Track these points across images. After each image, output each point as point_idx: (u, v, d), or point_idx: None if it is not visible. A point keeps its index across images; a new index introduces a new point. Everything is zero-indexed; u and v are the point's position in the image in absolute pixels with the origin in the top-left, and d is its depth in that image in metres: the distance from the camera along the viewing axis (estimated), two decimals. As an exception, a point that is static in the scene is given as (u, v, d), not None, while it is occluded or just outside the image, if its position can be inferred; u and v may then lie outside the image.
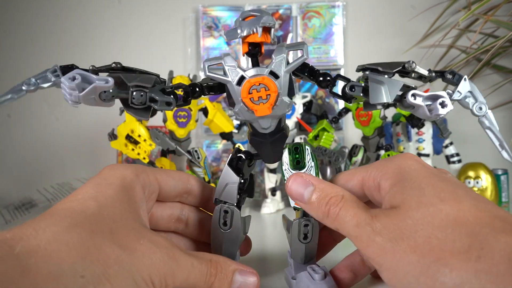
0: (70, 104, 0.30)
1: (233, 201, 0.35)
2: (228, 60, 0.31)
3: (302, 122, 0.76)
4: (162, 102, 0.31)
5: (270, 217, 0.74)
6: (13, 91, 0.31)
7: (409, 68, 0.31)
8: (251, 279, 0.31)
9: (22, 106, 0.98)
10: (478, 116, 0.31)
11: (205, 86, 0.33)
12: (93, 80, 0.30)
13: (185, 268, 0.28)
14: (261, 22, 0.29)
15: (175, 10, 0.96)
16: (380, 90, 0.31)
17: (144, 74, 0.32)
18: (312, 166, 0.34)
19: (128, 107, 0.32)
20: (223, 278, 0.30)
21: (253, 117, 0.31)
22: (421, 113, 0.31)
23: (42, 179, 0.94)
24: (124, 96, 0.31)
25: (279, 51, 0.31)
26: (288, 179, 0.32)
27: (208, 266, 0.29)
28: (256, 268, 0.44)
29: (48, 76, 0.31)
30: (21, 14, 0.98)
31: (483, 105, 0.31)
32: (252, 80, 0.30)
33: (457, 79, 0.31)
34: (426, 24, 0.89)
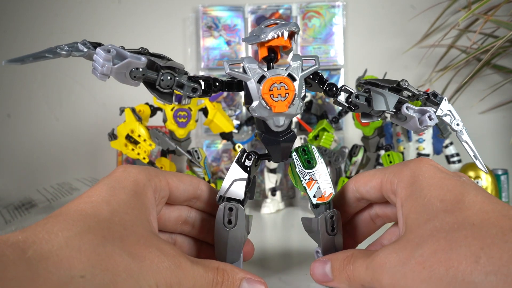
0: (98, 77, 0.31)
1: (240, 197, 0.35)
2: (249, 61, 0.34)
3: (302, 122, 0.76)
4: (189, 87, 0.33)
5: (270, 217, 0.74)
6: (49, 51, 0.31)
7: (403, 85, 0.36)
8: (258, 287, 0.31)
9: (22, 106, 0.98)
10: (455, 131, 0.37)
11: (225, 82, 0.35)
12: (127, 55, 0.31)
13: (191, 276, 0.28)
14: (288, 27, 0.33)
15: (175, 10, 0.96)
16: (381, 100, 0.35)
17: (172, 61, 0.33)
18: (322, 162, 0.37)
19: (153, 90, 0.33)
20: (229, 287, 0.30)
21: (270, 113, 0.34)
22: (412, 125, 0.35)
23: (42, 179, 0.94)
24: (153, 77, 0.32)
25: (295, 58, 0.34)
26: (311, 269, 0.35)
27: (214, 274, 0.30)
28: (256, 268, 0.44)
29: (80, 47, 0.31)
30: (21, 14, 0.98)
31: (460, 122, 0.36)
32: (274, 78, 0.33)
33: (439, 100, 0.36)
34: (426, 24, 0.89)
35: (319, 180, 0.36)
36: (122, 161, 0.90)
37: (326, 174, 0.36)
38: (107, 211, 0.27)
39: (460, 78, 0.87)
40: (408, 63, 0.93)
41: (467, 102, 0.89)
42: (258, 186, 0.88)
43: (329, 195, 0.36)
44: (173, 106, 0.67)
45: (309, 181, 0.36)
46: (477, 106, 0.89)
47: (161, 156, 0.70)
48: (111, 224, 0.26)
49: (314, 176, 0.36)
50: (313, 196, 0.36)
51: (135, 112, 0.66)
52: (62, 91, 0.98)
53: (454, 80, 0.88)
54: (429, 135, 0.72)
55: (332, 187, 0.36)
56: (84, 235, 0.24)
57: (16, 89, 0.97)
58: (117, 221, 0.27)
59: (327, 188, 0.36)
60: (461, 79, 0.84)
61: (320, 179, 0.36)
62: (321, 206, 0.36)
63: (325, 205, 0.36)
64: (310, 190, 0.36)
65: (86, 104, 0.97)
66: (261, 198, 0.85)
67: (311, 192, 0.36)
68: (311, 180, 0.36)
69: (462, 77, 0.86)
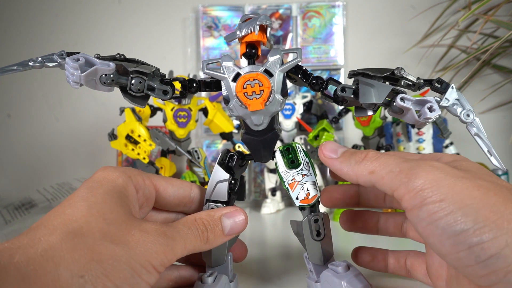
0: (72, 85, 0.31)
1: (223, 199, 0.35)
2: (226, 59, 0.32)
3: (302, 122, 0.76)
4: (160, 90, 0.33)
5: (270, 217, 0.74)
6: (19, 64, 0.32)
7: (398, 74, 0.32)
8: (238, 218, 0.32)
9: (22, 106, 0.98)
10: (466, 123, 0.32)
11: (202, 82, 0.35)
12: (96, 63, 0.31)
13: (179, 239, 0.28)
14: (258, 21, 0.31)
15: (175, 10, 0.96)
16: (369, 92, 0.31)
17: (144, 65, 0.33)
18: (307, 162, 0.35)
19: (126, 94, 0.33)
20: (214, 229, 0.31)
21: (246, 112, 0.32)
22: (410, 118, 0.32)
23: (42, 179, 0.94)
24: (124, 82, 0.32)
25: (274, 52, 0.32)
26: (320, 147, 0.33)
27: (196, 225, 0.30)
28: (256, 268, 0.44)
29: (54, 58, 0.32)
30: (21, 14, 0.98)
31: (470, 112, 0.32)
32: (247, 75, 0.32)
33: (445, 87, 0.32)
34: (426, 24, 0.89)
35: (302, 181, 0.34)
36: (122, 161, 0.90)
37: (311, 174, 0.34)
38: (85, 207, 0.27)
39: (460, 78, 0.87)
40: (408, 63, 0.93)
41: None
42: (258, 186, 0.88)
43: (313, 197, 0.34)
44: (173, 106, 0.67)
45: (292, 182, 0.34)
46: (477, 106, 0.89)
47: (161, 156, 0.70)
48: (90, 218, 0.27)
49: (297, 176, 0.34)
50: (295, 198, 0.34)
51: (135, 112, 0.66)
52: (62, 91, 0.98)
53: (454, 80, 0.88)
54: (429, 135, 0.72)
55: (317, 188, 0.34)
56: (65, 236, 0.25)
57: (16, 89, 0.97)
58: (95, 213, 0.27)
59: (311, 190, 0.34)
60: (461, 79, 0.84)
61: (304, 180, 0.34)
62: (306, 209, 0.34)
63: (309, 207, 0.34)
64: (292, 192, 0.34)
65: (86, 104, 0.97)
66: (261, 198, 0.85)
67: (293, 193, 0.34)
68: (294, 181, 0.34)
69: (462, 77, 0.86)
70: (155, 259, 0.26)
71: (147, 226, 0.28)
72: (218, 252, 0.35)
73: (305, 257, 0.36)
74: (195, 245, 0.30)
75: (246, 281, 0.40)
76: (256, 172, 0.89)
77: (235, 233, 0.32)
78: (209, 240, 0.30)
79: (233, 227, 0.32)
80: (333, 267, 0.33)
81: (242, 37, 0.32)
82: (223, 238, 0.31)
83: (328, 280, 0.32)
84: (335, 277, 0.32)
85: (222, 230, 0.31)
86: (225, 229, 0.31)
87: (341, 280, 0.31)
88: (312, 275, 0.35)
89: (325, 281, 0.33)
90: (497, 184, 0.25)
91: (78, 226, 0.26)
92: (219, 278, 0.33)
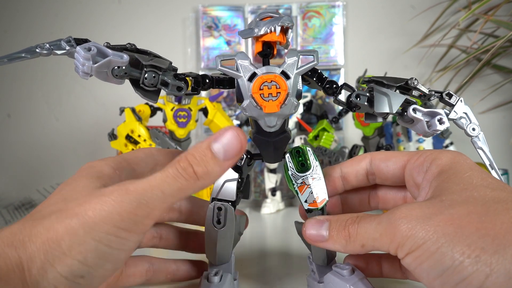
0: (81, 75, 0.30)
1: (231, 198, 0.34)
2: (241, 57, 0.32)
3: (302, 122, 0.76)
4: (174, 86, 0.31)
5: (270, 217, 0.74)
6: (27, 51, 0.30)
7: (412, 84, 0.32)
8: (229, 135, 0.27)
9: (22, 106, 0.98)
10: (471, 137, 0.33)
11: (216, 79, 0.34)
12: (109, 54, 0.30)
13: (151, 190, 0.25)
14: (280, 21, 0.31)
15: (175, 10, 0.96)
16: (384, 101, 0.32)
17: (158, 58, 0.32)
18: (317, 166, 0.34)
19: (138, 88, 0.32)
20: (203, 160, 0.27)
21: (260, 113, 0.32)
22: (419, 128, 0.32)
23: (42, 179, 0.94)
24: (136, 75, 0.31)
25: (291, 54, 0.32)
26: (303, 227, 0.31)
27: (174, 166, 0.26)
28: (256, 268, 0.44)
29: (62, 45, 0.31)
30: (21, 14, 0.98)
31: (476, 127, 0.33)
32: (264, 76, 0.31)
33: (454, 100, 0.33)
34: (426, 24, 0.89)
35: (312, 185, 0.34)
36: (122, 161, 0.90)
37: (321, 178, 0.34)
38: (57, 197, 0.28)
39: (460, 78, 0.87)
40: (408, 63, 0.93)
41: (467, 102, 0.88)
42: (258, 186, 0.88)
43: (321, 201, 0.34)
44: (173, 106, 0.67)
45: (301, 185, 0.34)
46: (477, 106, 0.89)
47: (161, 156, 0.70)
48: (50, 201, 0.27)
49: (307, 180, 0.34)
50: (304, 201, 0.34)
51: (135, 112, 0.66)
52: (62, 91, 0.98)
53: (454, 80, 0.88)
54: (429, 135, 0.72)
55: (326, 192, 0.34)
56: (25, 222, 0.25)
57: (16, 89, 0.97)
58: (57, 196, 0.27)
59: (320, 194, 0.34)
60: (461, 79, 0.84)
61: (313, 184, 0.34)
62: (314, 211, 0.34)
63: (317, 211, 0.34)
64: (301, 195, 0.34)
65: (86, 104, 0.97)
66: (261, 198, 0.85)
67: (302, 197, 0.34)
68: (304, 184, 0.34)
69: (462, 77, 0.86)
70: (123, 221, 0.25)
71: (107, 190, 0.26)
72: (223, 250, 0.35)
73: (308, 258, 0.36)
74: (180, 187, 0.26)
75: (246, 281, 0.40)
76: (256, 172, 0.89)
77: (234, 155, 0.27)
78: (199, 173, 0.26)
79: (227, 148, 0.27)
80: (338, 270, 0.33)
81: (260, 36, 0.31)
82: (220, 165, 0.27)
83: (332, 282, 0.32)
84: (340, 279, 0.32)
85: (215, 157, 0.27)
86: (218, 155, 0.27)
87: (346, 283, 0.31)
88: (314, 275, 0.35)
89: (329, 283, 0.33)
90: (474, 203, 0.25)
91: (38, 211, 0.26)
92: (225, 277, 0.33)
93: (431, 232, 0.24)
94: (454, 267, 0.23)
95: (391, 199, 0.37)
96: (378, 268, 0.35)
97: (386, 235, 0.26)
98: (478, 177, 0.27)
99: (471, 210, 0.24)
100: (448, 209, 0.25)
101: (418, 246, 0.24)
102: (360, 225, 0.28)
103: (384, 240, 0.27)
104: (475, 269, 0.22)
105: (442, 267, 0.23)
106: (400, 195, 0.36)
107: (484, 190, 0.26)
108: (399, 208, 0.27)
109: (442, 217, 0.24)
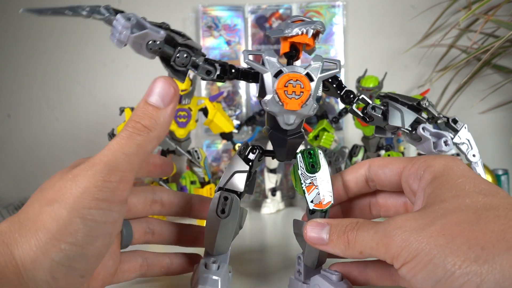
0: (115, 43, 0.31)
1: (239, 190, 0.35)
2: (269, 54, 0.33)
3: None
4: (204, 69, 0.32)
5: (270, 217, 0.74)
6: (70, 8, 0.30)
7: (423, 105, 0.34)
8: (158, 84, 0.30)
9: (22, 106, 0.98)
10: (470, 162, 0.36)
11: (242, 71, 0.35)
12: (147, 26, 0.31)
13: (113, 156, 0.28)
14: (314, 25, 0.32)
15: (175, 10, 0.96)
16: (398, 116, 0.34)
17: (191, 40, 0.33)
18: (326, 169, 0.36)
19: (168, 65, 0.32)
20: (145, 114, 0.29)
21: (281, 110, 0.33)
22: (425, 147, 0.34)
23: (42, 179, 0.93)
24: (170, 53, 0.32)
25: (317, 59, 0.33)
26: (304, 228, 0.32)
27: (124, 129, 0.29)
28: (256, 268, 0.44)
29: (102, 11, 0.31)
30: (21, 14, 0.98)
31: (476, 154, 0.36)
32: (291, 74, 0.32)
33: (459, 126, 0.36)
34: (426, 24, 0.89)
35: (319, 186, 0.35)
36: (122, 161, 0.89)
37: (329, 181, 0.35)
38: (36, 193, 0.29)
39: (460, 78, 0.87)
40: (408, 63, 0.93)
41: (467, 102, 0.89)
42: (258, 186, 0.88)
43: (327, 203, 0.35)
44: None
45: (309, 185, 0.35)
46: (477, 106, 0.89)
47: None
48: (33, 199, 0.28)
49: (316, 181, 0.35)
50: (310, 201, 0.35)
51: (135, 112, 0.66)
52: (62, 91, 0.98)
53: (454, 80, 0.88)
54: (429, 135, 0.72)
55: (332, 195, 0.35)
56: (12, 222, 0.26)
57: (16, 89, 0.97)
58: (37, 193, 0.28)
59: (326, 196, 0.35)
60: (461, 79, 0.84)
61: (321, 185, 0.35)
62: (317, 212, 0.35)
63: (321, 212, 0.35)
64: (308, 195, 0.35)
65: (86, 104, 0.97)
66: (261, 198, 0.85)
67: (309, 196, 0.35)
68: (312, 184, 0.35)
69: (462, 77, 0.86)
70: (100, 192, 0.26)
71: (76, 170, 0.27)
72: (223, 240, 0.35)
73: (298, 257, 0.37)
74: (138, 143, 0.28)
75: (246, 281, 0.40)
76: (256, 172, 0.89)
77: (171, 98, 0.30)
78: (149, 125, 0.28)
79: (162, 96, 0.29)
80: (327, 274, 0.33)
81: (290, 36, 0.32)
82: (164, 112, 0.29)
83: (320, 285, 0.33)
84: (329, 283, 0.32)
85: (156, 107, 0.29)
86: (157, 104, 0.29)
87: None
88: (300, 276, 0.36)
89: (316, 285, 0.33)
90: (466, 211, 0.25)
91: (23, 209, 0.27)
92: (222, 266, 0.33)
93: (424, 243, 0.25)
94: (446, 278, 0.23)
95: (392, 206, 0.37)
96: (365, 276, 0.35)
97: (382, 245, 0.27)
98: (471, 183, 0.28)
99: (462, 219, 0.25)
100: (440, 219, 0.25)
101: (412, 258, 0.25)
102: (359, 232, 0.29)
103: (381, 250, 0.27)
104: (466, 279, 0.23)
105: (435, 278, 0.24)
106: (400, 202, 0.37)
107: (476, 197, 0.26)
108: (395, 218, 0.27)
109: (435, 228, 0.25)
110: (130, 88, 0.93)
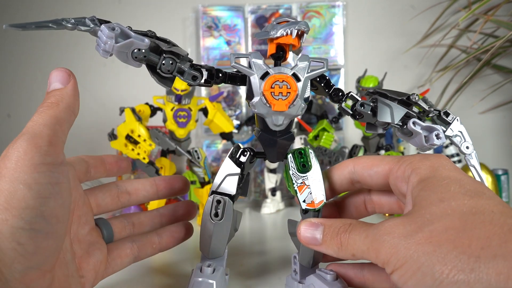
0: (101, 53, 0.31)
1: (231, 192, 0.35)
2: (255, 56, 0.33)
3: (302, 122, 0.76)
4: (189, 75, 0.33)
5: (270, 217, 0.74)
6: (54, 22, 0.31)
7: (413, 100, 0.34)
8: (53, 74, 0.32)
9: (22, 106, 0.98)
10: (464, 154, 0.35)
11: (229, 75, 0.35)
12: (131, 35, 0.31)
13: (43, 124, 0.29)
14: (297, 25, 0.32)
15: (175, 10, 0.96)
16: (387, 112, 0.34)
17: (177, 47, 0.33)
18: (317, 168, 0.35)
19: (154, 73, 0.33)
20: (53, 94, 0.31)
21: (269, 111, 0.33)
22: (417, 142, 0.34)
23: (42, 179, 0.94)
24: (155, 60, 0.32)
25: (303, 59, 0.33)
26: (298, 228, 0.32)
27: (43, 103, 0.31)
28: (256, 267, 0.44)
29: (87, 22, 0.32)
30: (21, 14, 0.98)
31: (470, 145, 0.35)
32: (277, 76, 0.32)
33: (451, 119, 0.35)
34: (426, 24, 0.89)
35: (311, 186, 0.35)
36: (122, 161, 0.90)
37: (320, 180, 0.35)
38: None
39: (460, 78, 0.87)
40: (408, 63, 0.93)
41: (467, 102, 0.89)
42: (258, 186, 0.88)
43: (319, 202, 0.34)
44: (173, 106, 0.67)
45: (301, 185, 0.35)
46: (477, 106, 0.89)
47: (161, 156, 0.70)
48: None
49: (307, 180, 0.35)
50: (303, 201, 0.34)
51: (135, 112, 0.66)
52: (62, 91, 0.98)
53: (454, 80, 0.88)
54: (429, 135, 0.72)
55: (324, 194, 0.35)
56: None
57: (16, 89, 0.97)
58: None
59: (318, 195, 0.34)
60: (461, 79, 0.84)
61: (313, 185, 0.35)
62: (310, 212, 0.35)
63: (314, 211, 0.34)
64: (300, 194, 0.35)
65: (86, 104, 0.97)
66: (261, 198, 0.85)
67: (301, 196, 0.34)
68: (303, 184, 0.35)
69: (462, 77, 0.86)
70: (32, 158, 0.27)
71: (4, 151, 0.29)
72: (218, 244, 0.35)
73: (293, 257, 0.37)
74: (51, 115, 0.30)
75: (246, 281, 0.40)
76: (256, 172, 0.89)
77: (67, 77, 0.32)
78: (55, 101, 0.31)
79: (57, 79, 0.32)
80: (322, 273, 0.33)
81: (275, 38, 0.33)
82: (65, 89, 0.32)
83: (314, 284, 0.33)
84: (323, 283, 0.32)
85: (57, 89, 0.32)
86: (57, 87, 0.32)
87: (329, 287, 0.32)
88: (296, 275, 0.36)
89: (310, 284, 0.33)
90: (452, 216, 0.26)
91: None
92: (217, 270, 0.33)
93: (412, 250, 0.25)
94: (435, 286, 0.24)
95: (386, 204, 0.37)
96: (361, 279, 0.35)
97: (372, 250, 0.27)
98: (456, 184, 0.28)
99: (448, 225, 0.25)
100: (427, 226, 0.26)
101: (401, 265, 0.25)
102: (350, 235, 0.30)
103: (372, 254, 0.28)
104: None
105: (425, 286, 0.24)
106: (393, 200, 0.37)
107: (462, 199, 0.26)
108: (384, 224, 0.28)
109: (422, 235, 0.25)
110: (130, 88, 0.93)
